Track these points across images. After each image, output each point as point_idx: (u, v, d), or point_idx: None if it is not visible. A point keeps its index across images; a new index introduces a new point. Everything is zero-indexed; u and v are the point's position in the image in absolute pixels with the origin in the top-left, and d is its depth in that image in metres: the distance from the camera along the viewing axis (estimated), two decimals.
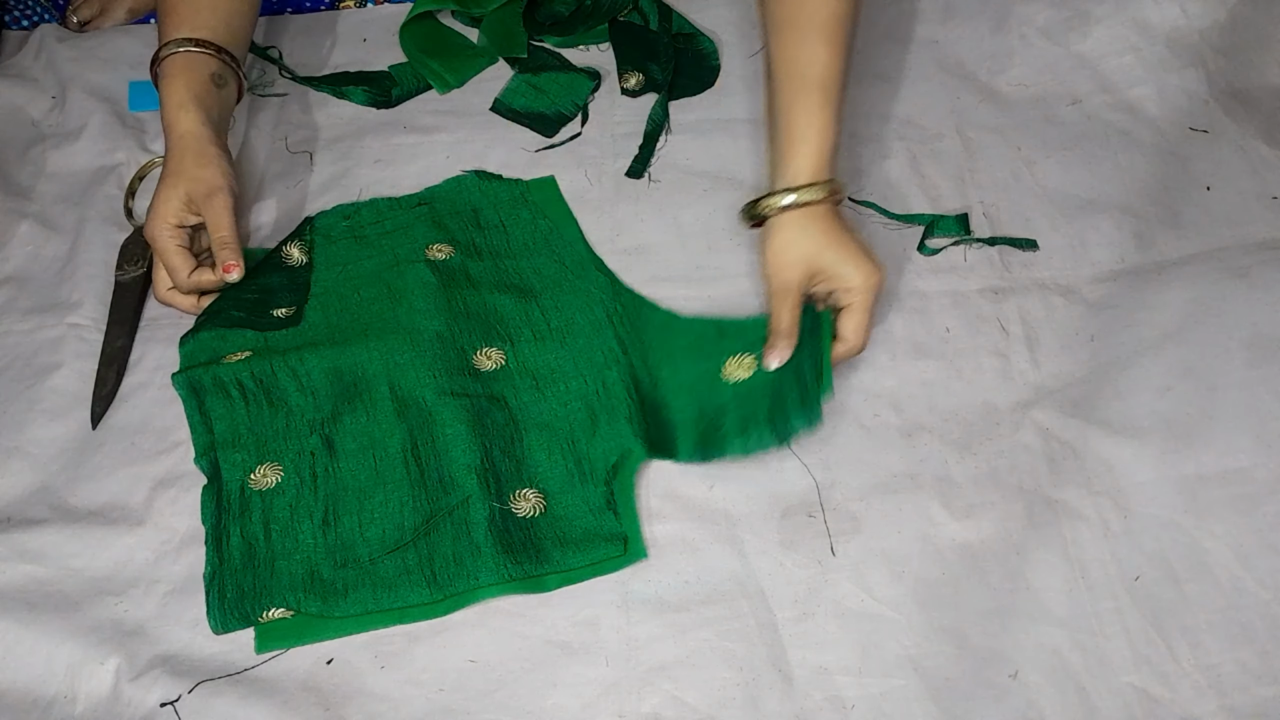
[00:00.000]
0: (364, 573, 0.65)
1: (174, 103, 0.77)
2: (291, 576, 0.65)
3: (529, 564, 0.65)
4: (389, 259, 0.80)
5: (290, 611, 0.64)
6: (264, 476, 0.69)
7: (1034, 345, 0.75)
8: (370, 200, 0.85)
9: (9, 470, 0.71)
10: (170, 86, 0.77)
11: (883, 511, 0.68)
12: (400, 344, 0.74)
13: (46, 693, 0.62)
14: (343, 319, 0.77)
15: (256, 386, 0.72)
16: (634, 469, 0.69)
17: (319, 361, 0.73)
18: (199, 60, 0.79)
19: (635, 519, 0.68)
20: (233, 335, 0.75)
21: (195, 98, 0.77)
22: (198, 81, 0.78)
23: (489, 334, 0.75)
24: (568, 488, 0.69)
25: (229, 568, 0.65)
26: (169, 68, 0.78)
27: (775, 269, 0.71)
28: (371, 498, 0.68)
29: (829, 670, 0.62)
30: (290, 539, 0.67)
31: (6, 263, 0.83)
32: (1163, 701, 0.60)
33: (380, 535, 0.67)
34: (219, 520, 0.67)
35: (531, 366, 0.74)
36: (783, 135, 0.73)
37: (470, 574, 0.65)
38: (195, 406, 0.72)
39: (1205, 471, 0.68)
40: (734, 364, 0.73)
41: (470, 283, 0.79)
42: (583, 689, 0.62)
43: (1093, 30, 0.93)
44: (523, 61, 0.95)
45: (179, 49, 0.78)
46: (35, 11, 1.00)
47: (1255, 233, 0.80)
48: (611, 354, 0.74)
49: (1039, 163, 0.86)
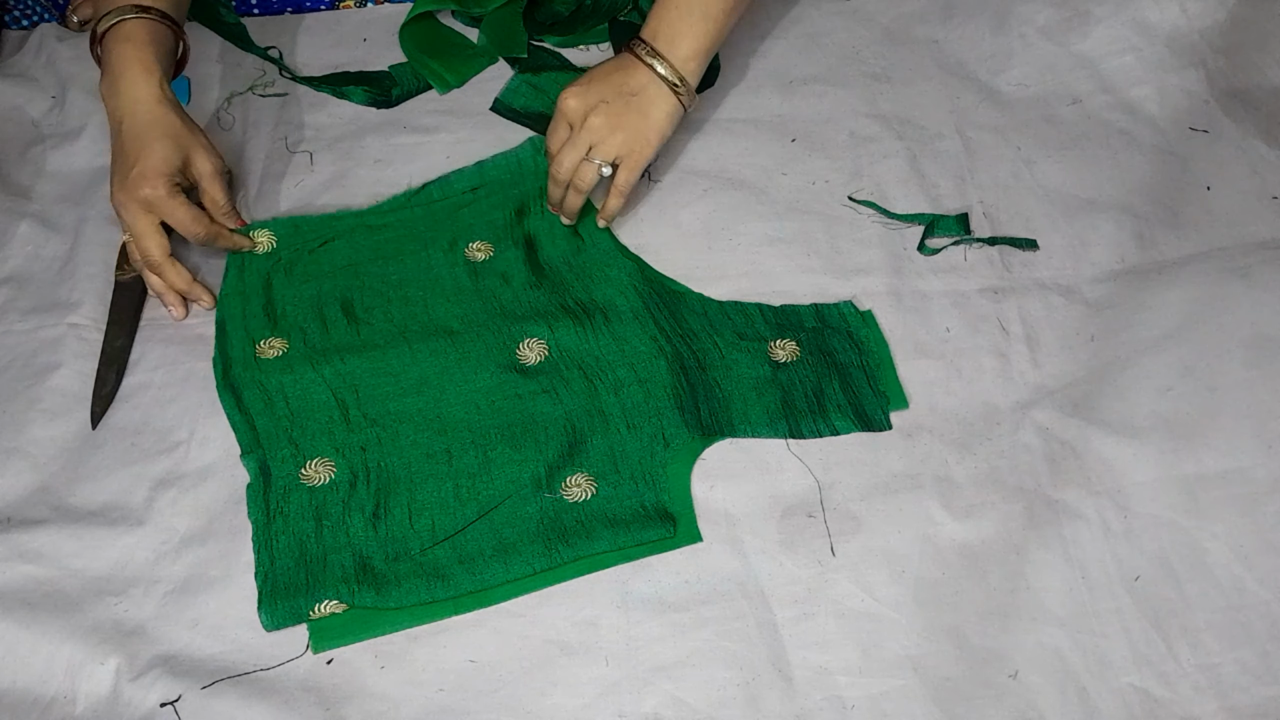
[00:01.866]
0: (415, 564, 0.66)
1: (142, 67, 0.75)
2: (343, 569, 0.65)
3: (581, 545, 0.66)
4: (428, 259, 0.81)
5: (343, 606, 0.64)
6: (316, 472, 0.70)
7: (1034, 345, 0.75)
8: (424, 185, 0.86)
9: (9, 470, 0.71)
10: (139, 52, 0.75)
11: (883, 511, 0.68)
12: (444, 344, 0.75)
13: (46, 693, 0.62)
14: (377, 319, 0.78)
15: (295, 385, 0.74)
16: (686, 455, 0.70)
17: (361, 362, 0.75)
18: (163, 32, 0.78)
19: (690, 504, 0.68)
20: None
21: (163, 69, 0.77)
22: (165, 54, 0.78)
23: (529, 327, 0.76)
24: (618, 471, 0.70)
25: (280, 566, 0.66)
26: (134, 31, 0.76)
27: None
28: (422, 488, 0.69)
29: (829, 670, 0.62)
30: (341, 534, 0.67)
31: (6, 263, 0.83)
32: (1163, 701, 0.60)
33: (430, 526, 0.68)
34: (269, 518, 0.68)
35: (577, 356, 0.75)
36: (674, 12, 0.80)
37: (525, 560, 0.66)
38: (234, 404, 0.73)
39: (1205, 471, 0.68)
40: (777, 347, 0.75)
41: (505, 281, 0.80)
42: (583, 689, 0.62)
43: (1093, 30, 0.93)
44: (523, 61, 0.95)
45: (143, 15, 0.76)
46: (35, 11, 1.00)
47: (1255, 233, 0.81)
48: (655, 342, 0.75)
49: (1039, 163, 0.86)
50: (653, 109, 0.79)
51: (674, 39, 0.79)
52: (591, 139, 0.78)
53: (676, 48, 0.79)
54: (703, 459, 0.70)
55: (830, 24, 0.98)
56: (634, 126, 0.78)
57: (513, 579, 0.65)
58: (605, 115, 0.78)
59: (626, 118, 0.78)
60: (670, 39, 0.79)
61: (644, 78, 0.79)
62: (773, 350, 0.75)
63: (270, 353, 0.75)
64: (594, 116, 0.78)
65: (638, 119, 0.78)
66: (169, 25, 0.79)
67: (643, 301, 0.78)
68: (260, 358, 0.75)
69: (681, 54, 0.79)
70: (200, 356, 0.77)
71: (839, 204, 0.84)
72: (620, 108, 0.78)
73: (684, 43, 0.79)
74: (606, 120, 0.78)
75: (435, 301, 0.79)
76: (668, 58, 0.79)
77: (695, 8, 0.79)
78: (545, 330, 0.76)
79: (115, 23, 0.76)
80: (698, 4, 0.79)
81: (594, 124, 0.78)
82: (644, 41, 0.80)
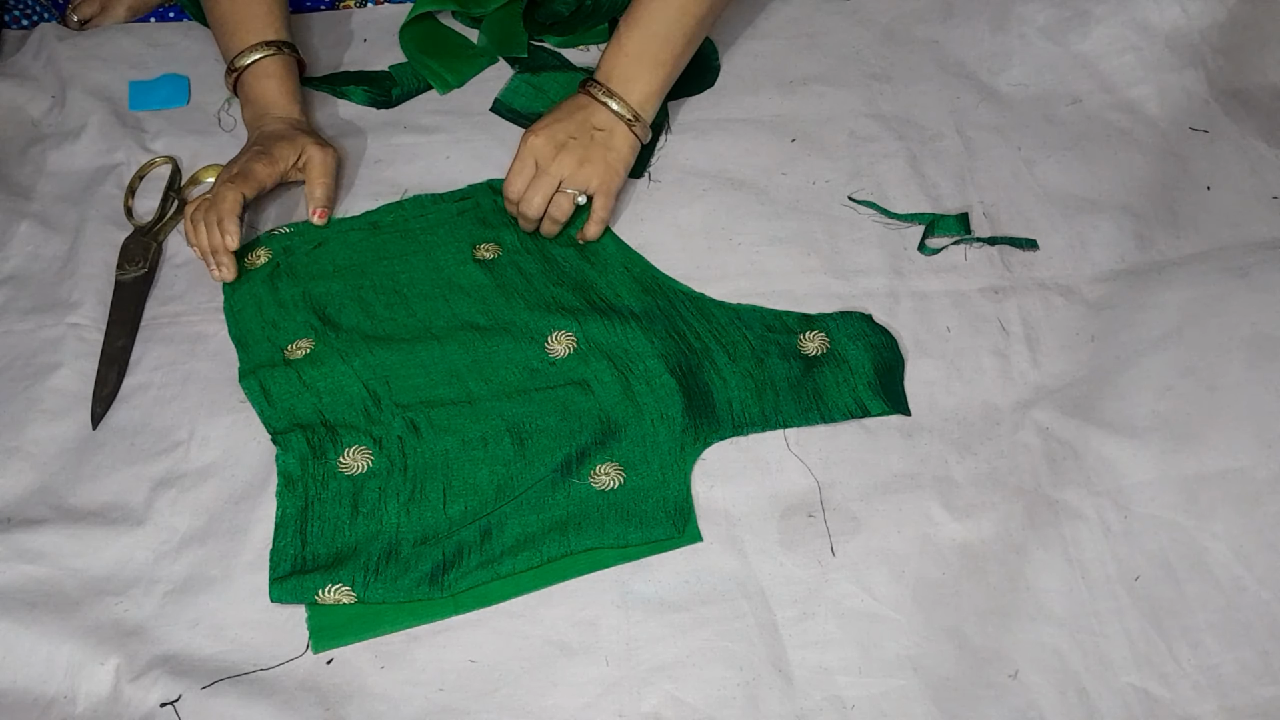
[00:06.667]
0: (438, 547, 0.66)
1: (289, 97, 0.88)
2: (369, 556, 0.66)
3: (592, 535, 0.66)
4: (436, 259, 0.82)
5: (351, 596, 0.64)
6: (353, 460, 0.70)
7: (1034, 345, 0.75)
8: (415, 196, 0.86)
9: (9, 470, 0.71)
10: (281, 86, 0.87)
11: (883, 511, 0.68)
12: (472, 338, 0.76)
13: (46, 693, 0.62)
14: (399, 315, 0.78)
15: (326, 378, 0.74)
16: (688, 455, 0.70)
17: (390, 354, 0.75)
18: (292, 61, 0.89)
19: (690, 504, 0.68)
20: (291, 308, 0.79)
21: (300, 98, 0.89)
22: (293, 79, 0.89)
23: (557, 320, 0.77)
24: (648, 462, 0.70)
25: (311, 550, 0.66)
26: (272, 68, 0.87)
27: None
28: (459, 475, 0.70)
29: (829, 670, 0.62)
30: (375, 521, 0.68)
31: (6, 263, 0.83)
32: (1163, 701, 0.60)
33: (463, 511, 0.68)
34: (305, 503, 0.68)
35: (606, 349, 0.75)
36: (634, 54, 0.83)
37: (535, 549, 0.66)
38: (262, 396, 0.74)
39: (1205, 471, 0.68)
40: (806, 339, 0.76)
41: (524, 277, 0.80)
42: (582, 689, 0.62)
43: (1093, 30, 0.93)
44: (523, 61, 0.95)
45: (280, 52, 0.87)
46: (35, 11, 1.00)
47: (1255, 233, 0.81)
48: (684, 336, 0.76)
49: (1039, 163, 0.86)
50: (616, 142, 0.82)
51: (628, 82, 0.82)
52: (562, 173, 0.80)
53: (631, 90, 0.82)
54: (703, 459, 0.70)
55: (830, 24, 0.98)
56: (601, 159, 0.81)
57: (521, 570, 0.65)
58: (573, 151, 0.80)
59: (593, 151, 0.81)
60: (624, 81, 0.82)
61: (606, 115, 0.82)
62: (802, 342, 0.75)
63: (299, 353, 0.76)
64: (563, 154, 0.80)
65: (603, 152, 0.81)
66: (294, 55, 0.89)
67: (667, 298, 0.79)
68: (291, 359, 0.76)
69: (637, 97, 0.82)
70: (200, 357, 0.77)
71: (839, 204, 0.84)
72: (587, 142, 0.81)
73: (637, 86, 0.83)
74: (575, 155, 0.80)
75: (456, 298, 0.79)
76: (624, 98, 0.82)
77: (646, 55, 0.83)
78: (573, 324, 0.76)
79: (254, 61, 0.86)
80: (648, 52, 0.83)
81: (564, 160, 0.80)
82: (599, 83, 0.83)
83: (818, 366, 0.74)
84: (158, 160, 0.89)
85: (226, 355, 0.77)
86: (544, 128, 0.81)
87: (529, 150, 0.81)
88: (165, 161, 0.89)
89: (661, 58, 0.83)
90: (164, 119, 0.93)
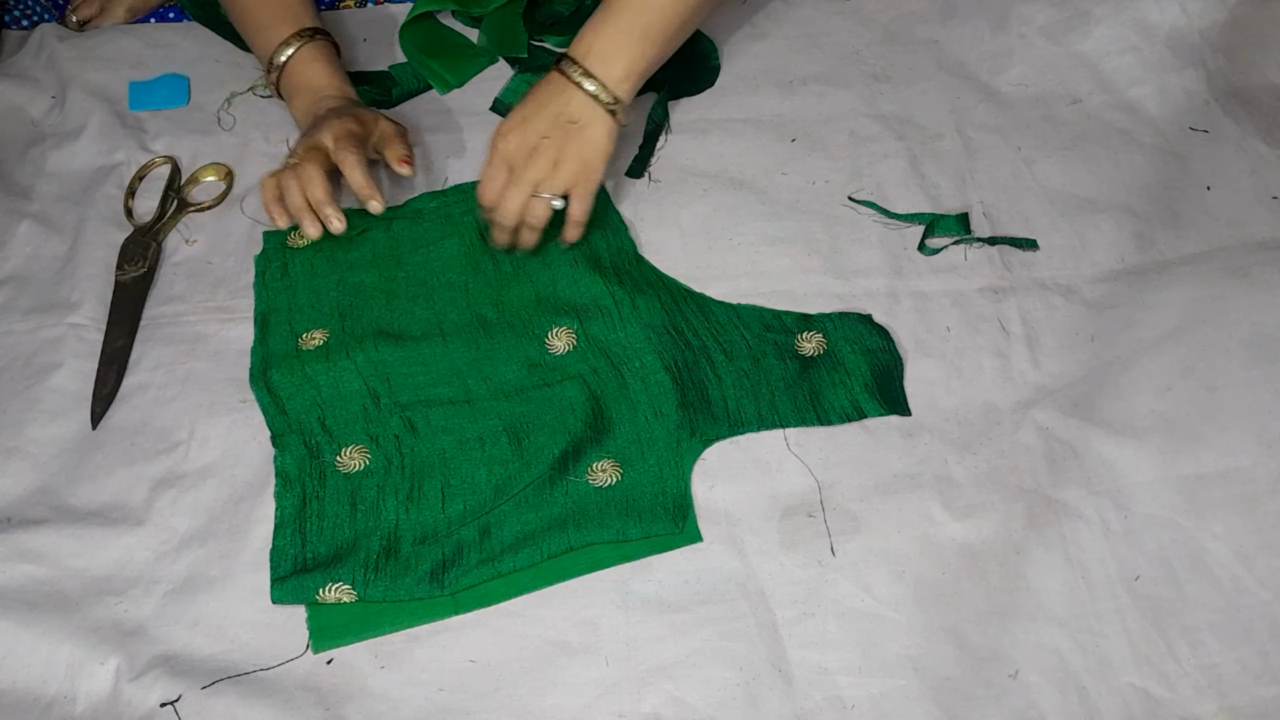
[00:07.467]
0: (438, 546, 0.66)
1: (340, 78, 0.87)
2: (368, 553, 0.66)
3: (592, 531, 0.66)
4: (469, 241, 0.82)
5: (352, 595, 0.64)
6: (351, 459, 0.70)
7: (1034, 345, 0.75)
8: (456, 185, 0.87)
9: (9, 470, 0.71)
10: (327, 68, 0.86)
11: (883, 511, 0.68)
12: (477, 334, 0.76)
13: (46, 693, 0.62)
14: (419, 307, 0.79)
15: (328, 374, 0.74)
16: (688, 454, 0.70)
17: (395, 351, 0.75)
18: (332, 45, 0.88)
19: (690, 503, 0.68)
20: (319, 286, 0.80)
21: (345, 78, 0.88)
22: (339, 61, 0.89)
23: (558, 315, 0.77)
24: (644, 458, 0.70)
25: (311, 549, 0.67)
26: (315, 53, 0.86)
27: None
28: (456, 474, 0.70)
29: (829, 670, 0.62)
30: (373, 518, 0.68)
31: (6, 263, 0.83)
32: (1163, 701, 0.60)
33: (462, 510, 0.68)
34: (304, 502, 0.69)
35: (604, 345, 0.75)
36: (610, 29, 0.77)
37: (536, 546, 0.66)
38: (266, 392, 0.74)
39: (1205, 471, 0.68)
40: (804, 340, 0.76)
41: (545, 264, 0.80)
42: (582, 689, 0.62)
43: (1093, 30, 0.93)
44: (523, 61, 0.95)
45: (316, 38, 0.86)
46: (35, 11, 1.00)
47: (1255, 233, 0.81)
48: (682, 333, 0.76)
49: (1039, 163, 0.86)
50: (593, 133, 0.76)
51: (608, 57, 0.75)
52: (536, 177, 0.75)
53: (611, 67, 0.75)
54: (703, 459, 0.70)
55: (830, 24, 0.98)
56: (577, 156, 0.76)
57: (522, 567, 0.65)
58: (547, 152, 0.75)
59: (568, 148, 0.75)
60: (604, 57, 0.75)
61: (580, 101, 0.75)
62: (800, 343, 0.75)
63: (312, 344, 0.76)
64: (536, 157, 0.75)
65: (579, 147, 0.75)
66: (329, 39, 0.88)
67: (669, 294, 0.79)
68: (303, 350, 0.76)
69: (616, 74, 0.75)
70: (200, 357, 0.77)
71: (839, 204, 0.84)
72: (561, 139, 0.75)
73: (619, 63, 0.75)
74: (548, 157, 0.75)
75: (476, 287, 0.80)
76: (601, 78, 0.75)
77: (636, 27, 0.75)
78: (574, 320, 0.77)
79: (296, 49, 0.85)
80: (639, 23, 0.75)
81: (537, 163, 0.75)
82: (574, 61, 0.76)
83: (814, 367, 0.74)
84: (157, 160, 0.89)
85: (226, 355, 0.77)
86: (514, 128, 0.76)
87: (500, 157, 0.76)
88: (165, 161, 0.89)
89: (652, 34, 0.75)
90: (164, 119, 0.93)
